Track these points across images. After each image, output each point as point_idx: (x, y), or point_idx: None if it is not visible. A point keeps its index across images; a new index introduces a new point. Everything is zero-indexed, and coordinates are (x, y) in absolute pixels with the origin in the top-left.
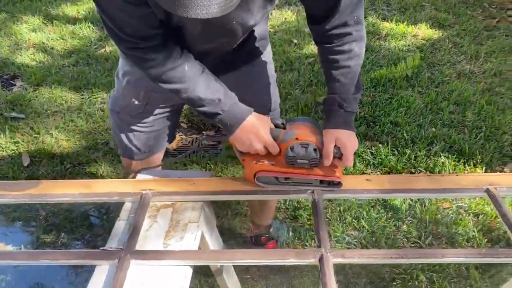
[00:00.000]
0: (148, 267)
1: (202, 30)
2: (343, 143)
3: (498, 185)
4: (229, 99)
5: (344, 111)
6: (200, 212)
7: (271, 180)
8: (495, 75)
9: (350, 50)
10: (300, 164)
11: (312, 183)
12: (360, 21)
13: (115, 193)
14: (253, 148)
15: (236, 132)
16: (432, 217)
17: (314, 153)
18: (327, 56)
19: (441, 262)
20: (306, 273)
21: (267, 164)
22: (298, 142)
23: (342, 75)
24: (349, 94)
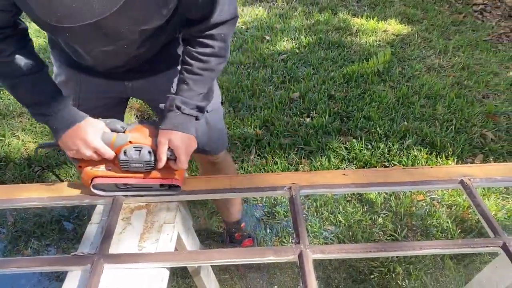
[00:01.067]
0: (123, 271)
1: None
2: (176, 145)
3: (471, 176)
4: (58, 103)
5: (182, 113)
6: (175, 212)
7: (110, 187)
8: (463, 68)
9: (207, 61)
10: (135, 168)
11: (152, 187)
12: (225, 40)
13: (86, 196)
14: (81, 153)
15: (61, 137)
16: (407, 210)
17: (148, 156)
18: (186, 58)
19: (419, 254)
20: (286, 270)
21: (102, 170)
22: (131, 145)
23: (192, 80)
24: (192, 99)
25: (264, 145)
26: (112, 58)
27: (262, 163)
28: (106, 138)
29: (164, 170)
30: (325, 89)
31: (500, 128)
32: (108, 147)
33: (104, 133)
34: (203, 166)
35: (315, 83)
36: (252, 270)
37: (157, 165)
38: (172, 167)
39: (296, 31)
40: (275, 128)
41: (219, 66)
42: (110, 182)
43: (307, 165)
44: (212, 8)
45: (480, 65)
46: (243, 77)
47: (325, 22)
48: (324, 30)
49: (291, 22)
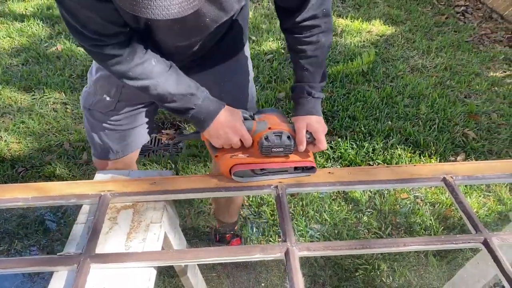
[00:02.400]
0: (109, 271)
1: (174, 28)
2: (315, 128)
3: (454, 174)
4: (201, 93)
5: (313, 97)
6: (162, 211)
7: (246, 173)
8: (446, 69)
9: (317, 41)
10: (275, 152)
11: (287, 171)
12: (328, 14)
13: (71, 196)
14: (230, 141)
15: (210, 127)
16: (391, 208)
17: (288, 140)
18: (296, 46)
19: (403, 250)
20: (272, 268)
21: (242, 157)
22: (271, 131)
23: (310, 64)
24: (316, 82)
25: None
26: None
27: None
28: (247, 125)
29: (299, 154)
30: None
31: (481, 127)
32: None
33: (244, 121)
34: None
35: None
36: (239, 268)
37: (298, 148)
38: (306, 150)
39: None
40: None
41: (329, 40)
42: (250, 168)
43: None
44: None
45: (462, 66)
46: None
47: None
48: None
49: (277, 22)
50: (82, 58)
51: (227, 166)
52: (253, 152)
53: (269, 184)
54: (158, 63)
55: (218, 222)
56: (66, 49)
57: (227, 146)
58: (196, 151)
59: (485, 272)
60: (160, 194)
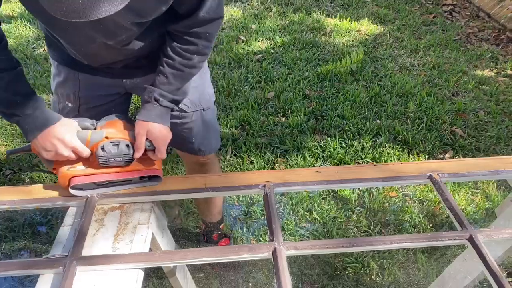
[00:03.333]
0: (96, 273)
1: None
2: (155, 136)
3: (440, 172)
4: (33, 103)
5: (159, 105)
6: (149, 213)
7: (88, 186)
8: (434, 67)
9: (190, 58)
10: (114, 162)
11: (132, 180)
12: (210, 40)
13: (58, 198)
14: (60, 153)
15: (37, 139)
16: (380, 206)
17: (127, 149)
18: (169, 52)
19: (390, 248)
20: (261, 267)
21: (80, 170)
22: (108, 140)
23: (172, 74)
24: (171, 93)
25: (240, 145)
26: (110, 53)
27: (238, 162)
28: (81, 136)
29: (143, 162)
30: (300, 89)
31: (469, 125)
32: (84, 145)
33: (78, 132)
34: (191, 166)
35: (290, 83)
36: (228, 268)
37: (135, 155)
38: (151, 158)
39: (271, 31)
40: (251, 127)
41: (200, 63)
42: (89, 181)
43: (283, 164)
44: (201, 3)
45: (450, 64)
46: (218, 77)
47: (300, 23)
48: (299, 30)
49: (266, 22)
50: None
51: (65, 179)
52: (93, 163)
53: (257, 183)
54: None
55: (203, 223)
56: None
57: (61, 159)
58: None
59: (472, 268)
60: (148, 195)
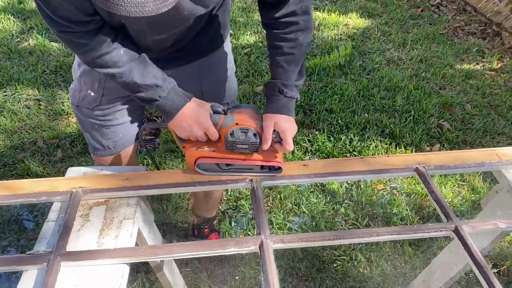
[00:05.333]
0: (81, 269)
1: (150, 21)
2: (283, 128)
3: (426, 164)
4: (168, 85)
5: (284, 96)
6: (135, 207)
7: (212, 167)
8: (421, 61)
9: (295, 39)
10: (240, 149)
11: (253, 169)
12: (308, 12)
13: (42, 193)
14: (194, 134)
15: (175, 118)
16: (368, 199)
17: (254, 138)
18: (273, 42)
19: (377, 240)
20: (248, 261)
21: (207, 151)
22: (237, 127)
23: (285, 61)
24: (290, 81)
25: None
26: (152, 44)
27: None
28: (214, 119)
29: (266, 153)
30: None
31: (455, 118)
32: (215, 128)
33: (211, 115)
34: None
35: None
36: (215, 262)
37: (262, 147)
38: (274, 149)
39: (259, 25)
40: None
41: (307, 39)
42: (215, 162)
43: None
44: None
45: (437, 58)
46: None
47: None
48: None
49: (254, 16)
50: (56, 53)
51: (192, 158)
52: (219, 146)
53: (244, 177)
54: (126, 53)
55: (197, 217)
56: (39, 44)
57: (193, 139)
58: (173, 146)
59: (458, 260)
60: (133, 190)
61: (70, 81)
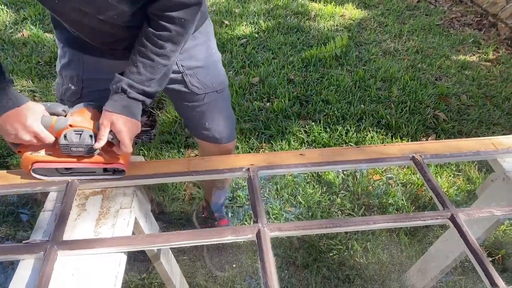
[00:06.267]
0: (78, 258)
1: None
2: (119, 129)
3: (422, 153)
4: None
5: (127, 96)
6: (132, 197)
7: (51, 172)
8: (417, 52)
9: (162, 46)
10: (76, 152)
11: (96, 172)
12: (185, 27)
13: (38, 183)
14: (20, 138)
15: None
16: (364, 190)
17: (90, 140)
18: (141, 39)
19: (373, 228)
20: (244, 249)
21: (43, 155)
22: (71, 129)
23: (142, 63)
24: (140, 84)
25: None
26: (105, 30)
27: None
28: (45, 121)
29: (108, 155)
30: (285, 74)
31: (451, 109)
32: (48, 131)
33: (43, 117)
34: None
35: (275, 68)
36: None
37: (94, 146)
38: (116, 151)
39: (255, 16)
40: (235, 113)
41: (173, 53)
42: (50, 166)
43: (268, 149)
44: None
45: (433, 49)
46: None
47: (284, 7)
48: (283, 14)
49: (250, 6)
50: (50, 44)
51: (27, 162)
52: (56, 150)
53: (241, 166)
54: None
55: (205, 202)
56: (33, 35)
57: (25, 143)
58: (169, 137)
59: (454, 248)
60: (130, 180)
61: None
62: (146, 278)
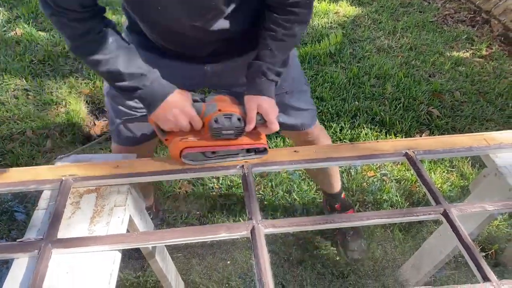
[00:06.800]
0: (72, 256)
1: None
2: (266, 109)
3: (415, 149)
4: (152, 75)
5: (267, 79)
6: (126, 195)
7: (198, 157)
8: (411, 49)
9: (291, 28)
10: (225, 135)
11: (239, 154)
12: (310, 7)
13: (31, 181)
14: (179, 124)
15: (159, 109)
16: (358, 186)
17: (239, 122)
18: (270, 25)
19: (367, 224)
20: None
21: (192, 140)
22: (221, 113)
23: (275, 46)
24: (275, 66)
25: None
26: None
27: None
28: (196, 107)
29: (250, 136)
30: None
31: (445, 105)
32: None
33: (193, 104)
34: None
35: None
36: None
37: (247, 128)
38: (258, 132)
39: None
40: None
41: (301, 31)
42: (200, 151)
43: None
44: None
45: (427, 45)
46: None
47: None
48: None
49: None
50: (43, 43)
51: (177, 149)
52: (204, 135)
53: (235, 164)
54: (115, 42)
55: (324, 194)
56: (26, 33)
57: (177, 129)
58: None
59: (446, 243)
60: (124, 178)
61: (58, 70)
62: (141, 276)
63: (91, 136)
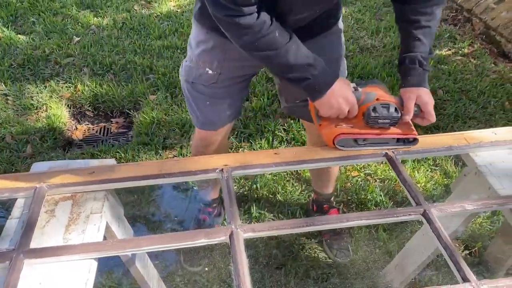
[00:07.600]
0: (46, 266)
1: None
2: (425, 101)
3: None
4: (319, 63)
5: (423, 69)
6: (103, 201)
7: (349, 143)
8: (394, 48)
9: (431, 13)
10: (381, 124)
11: (389, 143)
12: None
13: (5, 189)
14: (341, 110)
15: (325, 96)
16: (342, 186)
17: (396, 113)
18: (410, 16)
19: (347, 225)
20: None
21: (347, 127)
22: (379, 102)
23: (423, 34)
24: (427, 54)
25: None
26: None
27: None
28: (356, 95)
29: (401, 126)
30: (263, 72)
31: None
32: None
33: (353, 91)
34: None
35: None
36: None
37: (404, 118)
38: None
39: None
40: None
41: (440, 13)
42: (354, 137)
43: (247, 148)
44: None
45: None
46: (179, 62)
47: None
48: None
49: None
50: (23, 46)
51: (331, 134)
52: (357, 122)
53: (215, 167)
54: (281, 35)
55: (315, 193)
56: (5, 37)
57: (335, 116)
58: (146, 139)
59: (428, 243)
60: (100, 184)
61: (38, 74)
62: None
63: (73, 140)
